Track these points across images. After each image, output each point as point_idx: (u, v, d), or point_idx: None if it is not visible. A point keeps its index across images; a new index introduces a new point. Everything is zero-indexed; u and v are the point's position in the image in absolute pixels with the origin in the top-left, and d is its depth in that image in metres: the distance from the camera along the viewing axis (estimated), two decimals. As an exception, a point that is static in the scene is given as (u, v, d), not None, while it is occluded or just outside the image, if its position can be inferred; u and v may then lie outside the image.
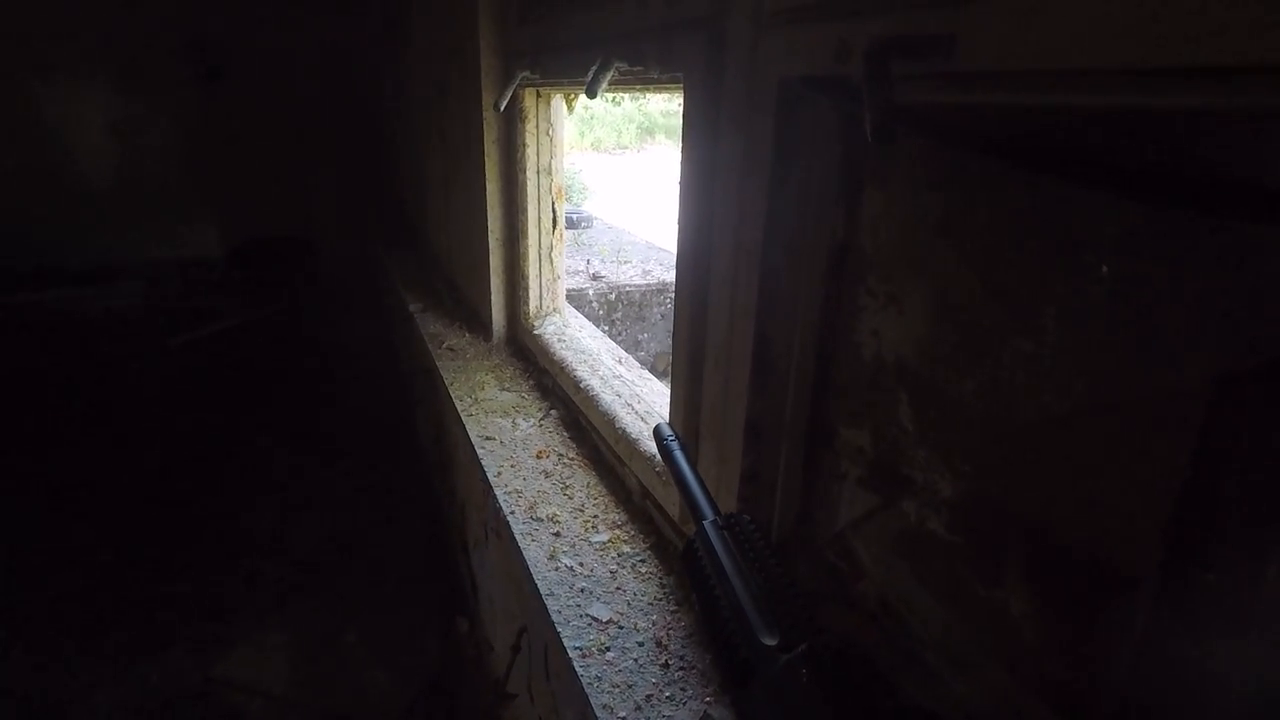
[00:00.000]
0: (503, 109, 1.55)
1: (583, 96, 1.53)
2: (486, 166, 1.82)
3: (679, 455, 0.80)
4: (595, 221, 5.40)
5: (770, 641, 0.60)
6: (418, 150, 3.20)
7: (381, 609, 2.21)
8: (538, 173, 1.76)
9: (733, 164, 0.85)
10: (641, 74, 1.03)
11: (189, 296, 4.72)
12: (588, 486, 1.34)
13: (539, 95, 1.67)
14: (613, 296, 4.26)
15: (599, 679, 0.92)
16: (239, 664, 1.96)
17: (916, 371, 0.75)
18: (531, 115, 1.70)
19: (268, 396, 3.61)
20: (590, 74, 1.03)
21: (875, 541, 0.85)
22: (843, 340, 0.86)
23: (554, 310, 1.90)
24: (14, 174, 4.72)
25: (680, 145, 0.94)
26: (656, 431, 0.82)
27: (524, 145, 1.72)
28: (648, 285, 4.68)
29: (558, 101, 1.67)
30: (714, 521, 0.71)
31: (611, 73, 1.04)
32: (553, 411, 1.61)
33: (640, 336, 4.33)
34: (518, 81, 1.50)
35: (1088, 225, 0.56)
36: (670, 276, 4.61)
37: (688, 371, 1.02)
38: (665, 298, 4.65)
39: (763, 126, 0.79)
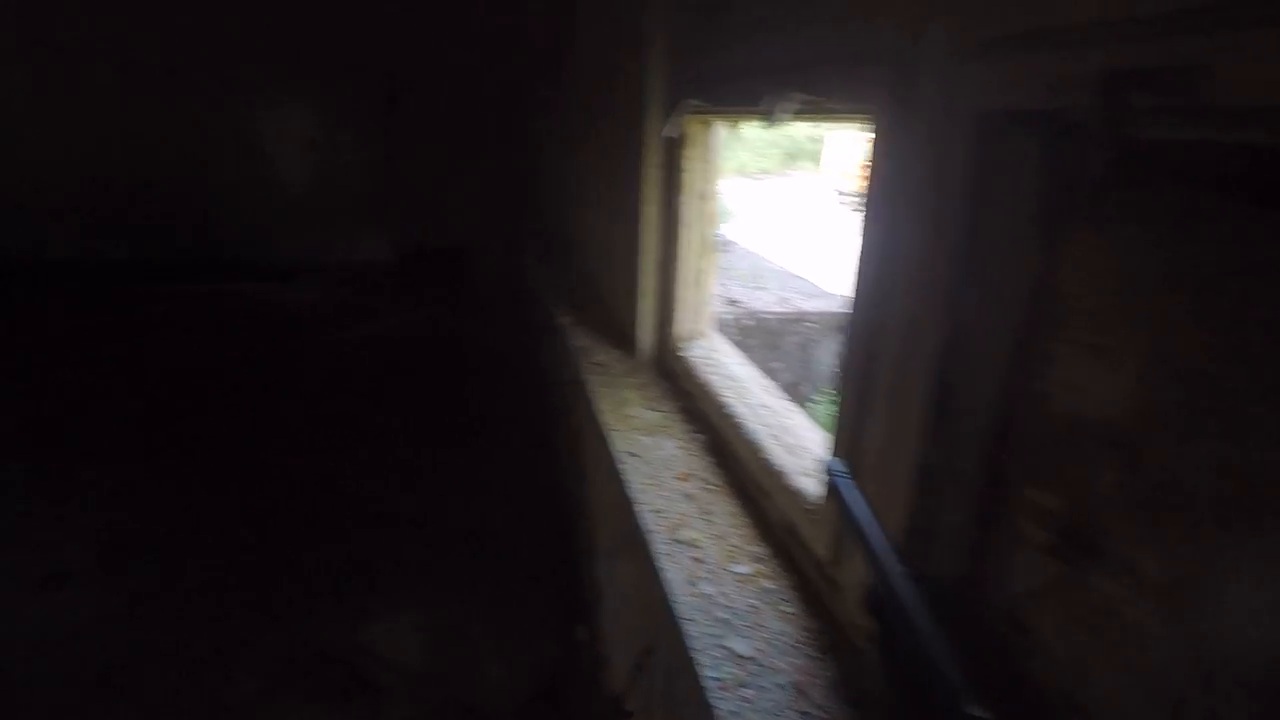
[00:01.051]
0: (666, 136, 1.58)
1: (743, 124, 1.53)
2: (646, 190, 1.86)
3: (857, 497, 0.76)
4: (734, 246, 5.38)
5: (979, 714, 0.56)
6: (572, 171, 3.33)
7: (506, 604, 2.29)
8: (694, 197, 1.78)
9: (923, 198, 0.82)
10: (821, 104, 1.01)
11: (359, 295, 5.17)
12: (730, 515, 1.32)
13: (703, 123, 1.68)
14: (749, 323, 4.22)
15: (734, 714, 0.89)
16: (379, 636, 2.10)
17: (1122, 434, 0.68)
18: (693, 141, 1.71)
19: (418, 390, 3.86)
20: (766, 103, 1.03)
21: (1056, 616, 0.77)
22: (1035, 391, 0.79)
23: (702, 333, 1.90)
24: (232, 182, 5.42)
25: (869, 179, 0.91)
26: (830, 467, 0.79)
27: (683, 170, 1.74)
28: (785, 313, 4.59)
29: (720, 128, 1.68)
30: (904, 573, 0.67)
31: (790, 103, 1.02)
32: (697, 435, 1.61)
33: (774, 365, 4.25)
34: (683, 109, 1.52)
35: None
36: (808, 306, 4.51)
37: (854, 408, 0.99)
38: (802, 327, 4.54)
39: (956, 161, 0.75)
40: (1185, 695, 0.64)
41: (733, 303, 4.27)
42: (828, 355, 4.66)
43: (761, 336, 4.30)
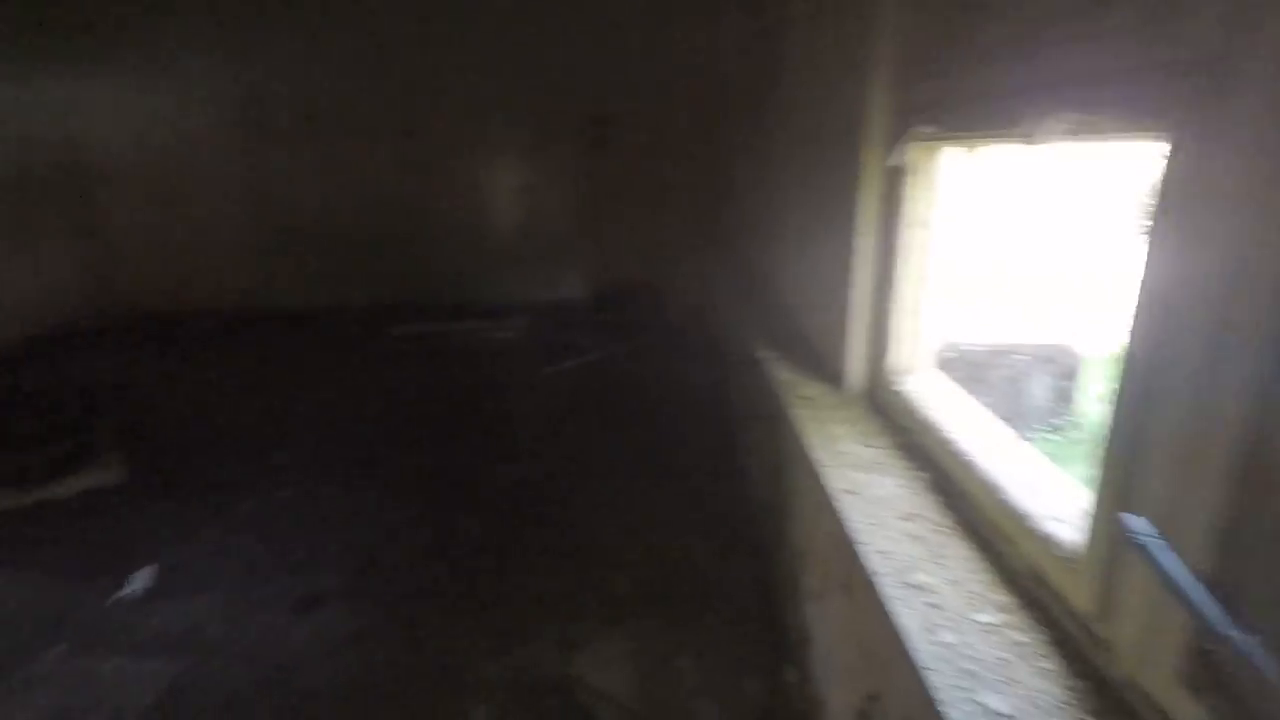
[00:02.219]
0: (891, 165, 1.55)
1: (989, 146, 1.47)
2: (861, 219, 1.83)
3: (1169, 557, 0.69)
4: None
5: None
6: (774, 202, 3.35)
7: (711, 640, 2.29)
8: (915, 226, 1.72)
9: (1238, 217, 0.74)
10: (1098, 123, 0.95)
11: (560, 332, 5.53)
12: (964, 559, 1.24)
13: (929, 149, 1.64)
14: (950, 354, 3.97)
15: (996, 778, 0.83)
16: (590, 666, 2.18)
17: None
18: (916, 169, 1.67)
19: (616, 424, 4.03)
20: (1028, 124, 0.98)
21: None
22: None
23: (919, 367, 1.82)
24: (452, 228, 6.07)
25: (1157, 204, 0.84)
26: (1127, 524, 0.72)
27: (905, 199, 1.70)
28: (992, 347, 4.26)
29: (948, 153, 1.62)
30: (1254, 639, 0.60)
31: (1058, 122, 0.97)
32: (919, 474, 1.54)
33: (982, 400, 3.96)
34: (914, 137, 1.49)
35: None
36: (1014, 339, 4.16)
37: (1124, 458, 0.90)
38: (1009, 360, 4.19)
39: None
40: None
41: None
42: (1040, 390, 4.27)
43: (967, 369, 4.04)
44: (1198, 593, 0.63)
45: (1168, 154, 0.81)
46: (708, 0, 5.22)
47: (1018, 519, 1.19)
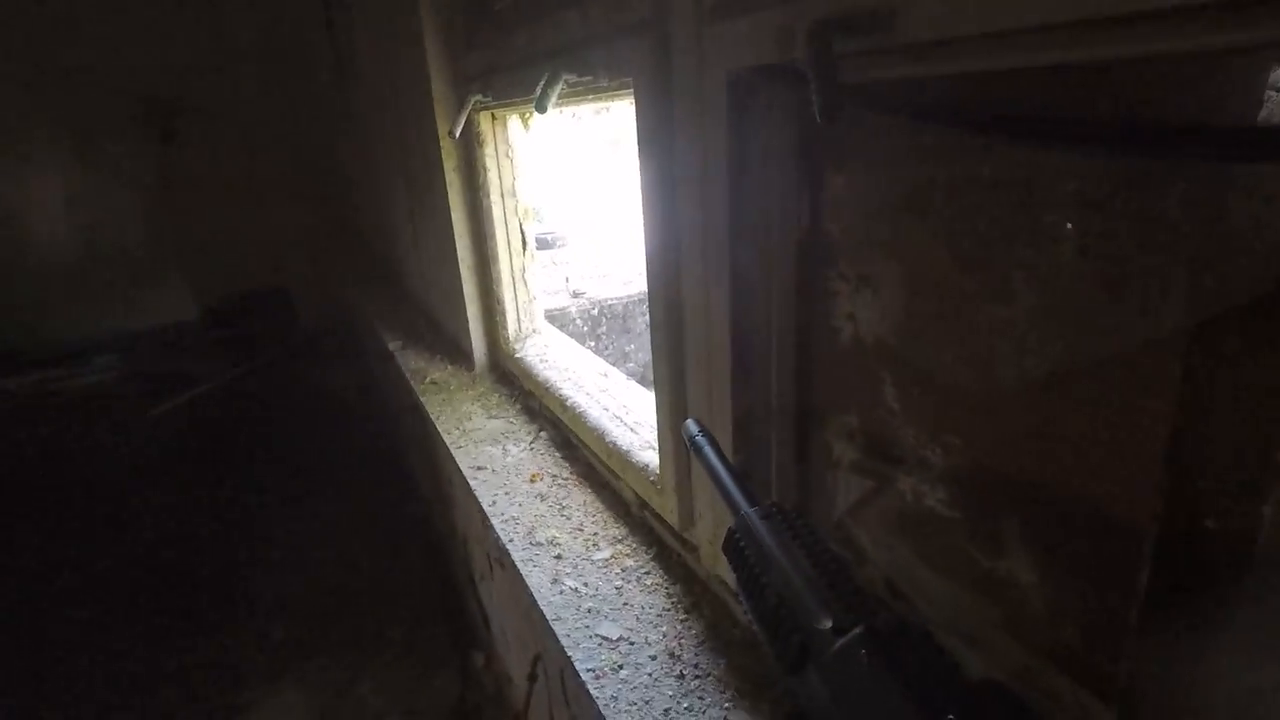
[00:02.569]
0: (458, 135, 1.55)
1: (539, 114, 1.53)
2: (450, 195, 1.81)
3: (710, 451, 0.78)
4: (569, 238, 5.39)
5: (825, 625, 0.58)
6: (382, 187, 3.19)
7: (392, 653, 2.17)
8: (502, 196, 1.75)
9: (690, 164, 0.85)
10: (591, 84, 1.03)
11: (168, 363, 4.67)
12: (584, 505, 1.32)
13: (494, 118, 1.66)
14: (595, 312, 4.25)
15: (615, 699, 0.90)
16: (262, 731, 1.92)
17: (895, 350, 0.75)
18: (489, 139, 1.69)
19: (255, 453, 3.56)
20: (539, 89, 1.03)
21: (875, 525, 0.84)
22: (821, 327, 0.85)
23: (533, 331, 1.89)
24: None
25: (637, 152, 0.94)
26: (685, 429, 0.80)
27: (485, 169, 1.72)
28: (630, 296, 4.68)
29: (514, 122, 1.67)
30: (756, 510, 0.70)
31: (560, 85, 1.03)
32: (542, 433, 1.60)
33: (627, 348, 4.31)
34: (470, 106, 1.49)
35: (1049, 185, 0.56)
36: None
37: (670, 376, 1.01)
38: (648, 307, 4.64)
39: (716, 122, 0.79)
40: (975, 559, 0.71)
41: (577, 294, 4.27)
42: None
43: (611, 322, 4.36)
44: (726, 478, 0.72)
45: (635, 105, 0.90)
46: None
47: (622, 455, 1.29)
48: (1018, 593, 0.68)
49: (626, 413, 1.40)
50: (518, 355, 1.81)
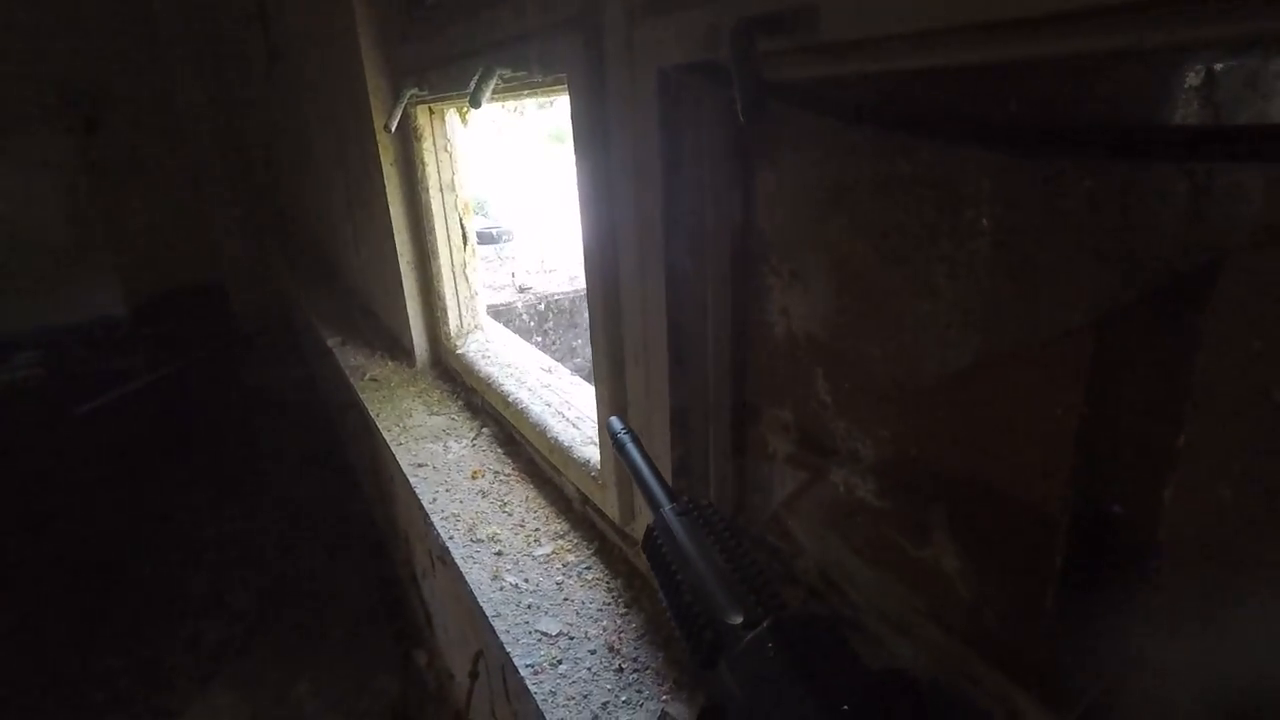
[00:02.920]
0: (394, 129, 1.51)
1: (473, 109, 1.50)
2: (388, 189, 1.77)
3: (632, 448, 0.78)
4: (514, 233, 5.34)
5: (736, 620, 0.59)
6: (320, 180, 3.09)
7: (332, 653, 2.12)
8: (441, 190, 1.72)
9: (625, 160, 0.85)
10: (526, 79, 1.01)
11: (94, 361, 4.45)
12: (526, 501, 1.32)
13: (432, 112, 1.63)
14: (542, 307, 4.22)
15: (553, 694, 0.90)
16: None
17: (826, 344, 0.76)
18: (427, 133, 1.66)
19: (188, 452, 3.43)
20: (472, 84, 1.01)
21: (808, 516, 0.86)
22: (756, 321, 0.86)
23: (475, 327, 1.86)
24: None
25: (572, 148, 0.93)
26: (608, 426, 0.80)
27: (423, 164, 1.68)
28: (576, 291, 4.66)
29: (452, 117, 1.64)
30: (673, 508, 0.71)
31: (495, 80, 1.02)
32: (484, 430, 1.58)
33: (574, 343, 4.30)
34: (406, 100, 1.46)
35: (966, 181, 0.58)
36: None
37: (609, 371, 1.01)
38: (588, 302, 4.62)
39: (648, 118, 0.79)
40: (903, 548, 0.73)
41: (523, 290, 4.23)
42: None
43: (558, 317, 4.33)
44: (644, 470, 0.73)
45: (569, 100, 0.89)
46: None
47: (564, 451, 1.28)
48: (943, 580, 0.70)
49: (568, 408, 1.39)
50: (459, 351, 1.78)
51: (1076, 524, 0.59)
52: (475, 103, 1.01)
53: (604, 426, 1.04)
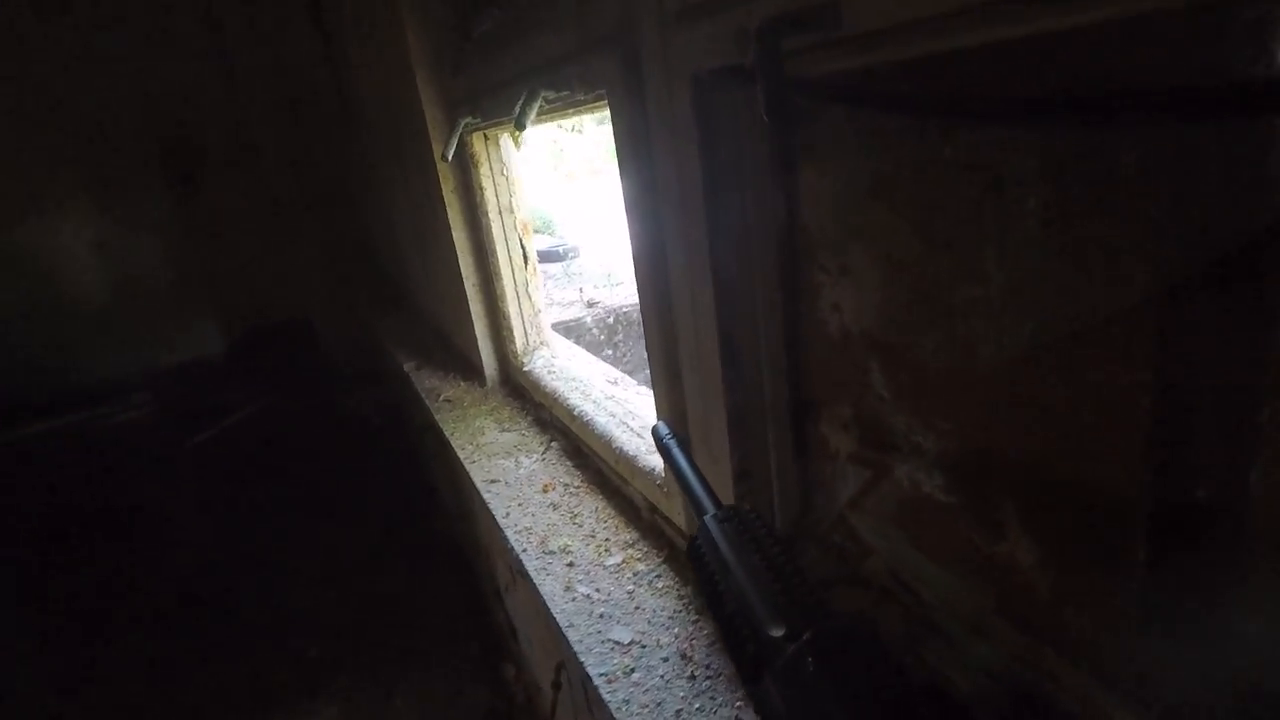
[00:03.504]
0: (451, 158, 1.57)
1: (529, 130, 1.54)
2: (450, 215, 1.83)
3: (678, 453, 0.78)
4: (580, 249, 5.43)
5: (777, 633, 0.58)
6: (391, 212, 3.24)
7: (426, 666, 2.20)
8: (500, 213, 1.77)
9: (667, 167, 0.86)
10: (569, 98, 1.04)
11: (199, 397, 4.78)
12: (596, 511, 1.33)
13: (486, 138, 1.68)
14: (610, 320, 4.27)
15: (627, 702, 0.90)
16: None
17: (880, 338, 0.74)
18: (483, 159, 1.71)
19: (286, 478, 3.63)
20: (518, 107, 1.04)
21: (875, 515, 0.84)
22: (809, 319, 0.85)
23: (541, 344, 1.90)
24: (8, 306, 4.82)
25: (617, 160, 0.95)
26: (654, 433, 0.80)
27: (481, 189, 1.74)
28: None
29: (506, 141, 1.69)
30: (714, 515, 0.70)
31: (539, 102, 1.04)
32: (553, 444, 1.61)
33: (645, 355, 4.33)
34: (461, 128, 1.52)
35: (1009, 161, 0.56)
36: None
37: (666, 379, 1.02)
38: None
39: (686, 124, 0.79)
40: (975, 544, 0.71)
41: (591, 304, 4.29)
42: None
43: (627, 330, 4.37)
44: (693, 478, 0.72)
45: (611, 115, 0.91)
46: (273, 15, 4.77)
47: (629, 461, 1.30)
48: (1020, 576, 0.67)
49: (633, 418, 1.41)
50: (526, 368, 1.82)
51: (1159, 512, 0.56)
52: (520, 125, 1.05)
53: (652, 432, 1.04)
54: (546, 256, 4.75)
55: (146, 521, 3.40)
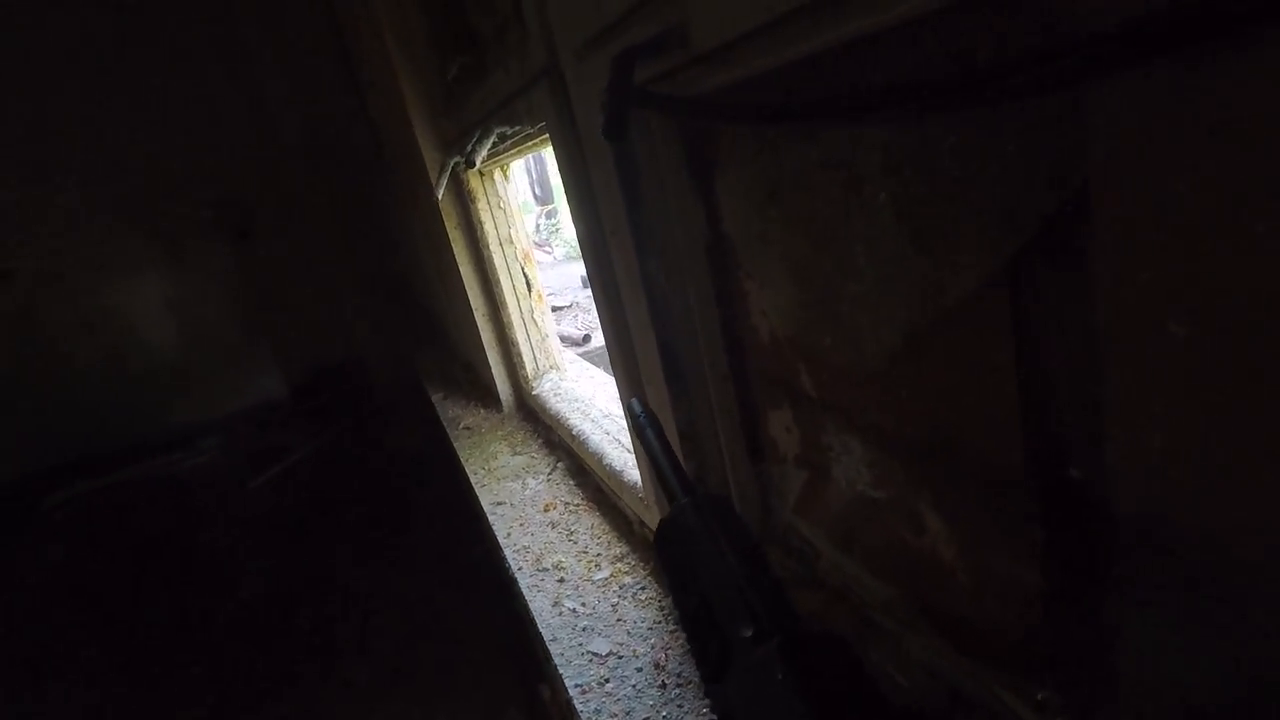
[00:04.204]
0: (441, 196, 1.64)
1: (514, 165, 1.60)
2: (455, 250, 1.91)
3: (649, 433, 0.73)
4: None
5: (745, 633, 0.55)
6: (419, 251, 3.37)
7: (465, 690, 2.25)
8: (500, 244, 1.84)
9: (600, 189, 0.89)
10: (522, 132, 1.09)
11: (261, 438, 5.04)
12: (592, 528, 1.36)
13: (481, 175, 1.76)
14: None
15: (598, 712, 0.92)
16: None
17: (798, 339, 0.76)
18: (480, 195, 1.78)
19: (340, 513, 3.78)
20: (469, 146, 1.10)
21: (820, 515, 0.84)
22: (743, 325, 0.87)
23: (551, 367, 1.95)
24: (93, 368, 5.22)
25: (563, 186, 0.99)
26: (629, 408, 0.75)
27: (481, 223, 1.81)
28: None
29: (499, 176, 1.76)
30: (687, 501, 0.65)
31: (492, 138, 1.10)
32: (559, 464, 1.65)
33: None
34: (449, 169, 1.59)
35: (861, 159, 0.57)
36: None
37: (629, 395, 1.04)
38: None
39: (604, 147, 0.83)
40: (905, 539, 0.71)
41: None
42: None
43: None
44: (663, 459, 0.70)
45: (552, 144, 0.95)
46: (310, 74, 5.06)
47: (617, 476, 1.32)
48: (944, 570, 0.67)
49: (624, 435, 1.43)
50: (535, 392, 1.87)
51: (1045, 494, 0.55)
52: (470, 162, 1.10)
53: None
54: (579, 282, 4.79)
55: (212, 559, 3.59)
